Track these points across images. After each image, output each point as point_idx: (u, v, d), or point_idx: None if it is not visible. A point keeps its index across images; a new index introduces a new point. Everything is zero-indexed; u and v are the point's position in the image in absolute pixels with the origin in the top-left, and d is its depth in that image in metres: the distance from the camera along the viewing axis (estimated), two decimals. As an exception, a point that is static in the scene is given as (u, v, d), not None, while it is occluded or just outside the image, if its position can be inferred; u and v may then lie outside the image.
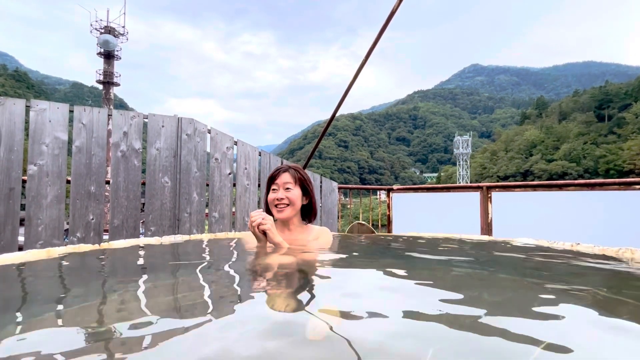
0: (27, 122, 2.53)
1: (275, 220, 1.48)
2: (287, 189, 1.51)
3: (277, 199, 1.50)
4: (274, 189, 1.53)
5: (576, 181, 2.96)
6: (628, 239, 2.54)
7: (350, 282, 0.94)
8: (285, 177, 1.51)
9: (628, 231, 2.57)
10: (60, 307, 0.71)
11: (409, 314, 0.65)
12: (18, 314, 0.66)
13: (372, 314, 0.65)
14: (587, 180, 2.92)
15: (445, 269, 1.13)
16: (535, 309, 0.67)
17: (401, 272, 1.09)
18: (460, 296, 0.78)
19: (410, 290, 0.84)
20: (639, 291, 0.84)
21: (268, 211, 1.54)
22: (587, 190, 2.83)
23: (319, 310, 0.66)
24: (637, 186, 2.57)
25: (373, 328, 0.58)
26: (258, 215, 1.41)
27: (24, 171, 2.52)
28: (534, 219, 3.09)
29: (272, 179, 1.54)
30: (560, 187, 2.94)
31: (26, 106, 2.52)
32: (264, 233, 1.41)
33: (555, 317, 0.61)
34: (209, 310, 0.67)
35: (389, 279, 0.96)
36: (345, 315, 0.63)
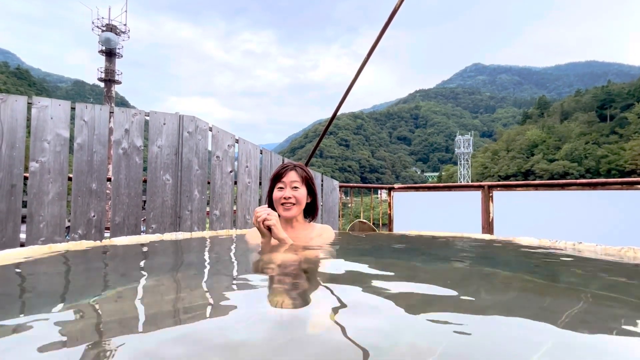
0: (28, 119, 2.53)
1: (279, 217, 1.48)
2: (295, 187, 1.50)
3: (285, 198, 1.49)
4: (280, 187, 1.51)
5: (578, 180, 2.95)
6: (630, 238, 2.54)
7: (352, 279, 0.93)
8: (293, 176, 1.50)
9: (630, 231, 2.56)
10: (58, 303, 0.71)
11: (410, 312, 0.64)
12: (17, 310, 0.66)
13: (373, 311, 0.65)
14: (590, 180, 2.91)
15: (447, 268, 1.13)
16: (539, 308, 0.67)
17: (403, 270, 1.09)
18: (462, 295, 0.77)
19: (412, 288, 0.84)
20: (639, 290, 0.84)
21: (271, 207, 1.54)
22: (589, 190, 2.82)
23: (321, 305, 0.66)
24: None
25: (374, 325, 0.58)
26: (263, 211, 1.41)
27: (26, 168, 2.52)
28: (535, 218, 3.09)
29: (278, 177, 1.52)
30: (562, 187, 2.94)
31: (28, 103, 2.52)
32: (269, 229, 1.41)
33: (559, 316, 0.61)
34: (211, 307, 0.67)
35: (391, 276, 0.96)
36: (347, 311, 0.63)
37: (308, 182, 1.54)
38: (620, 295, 0.77)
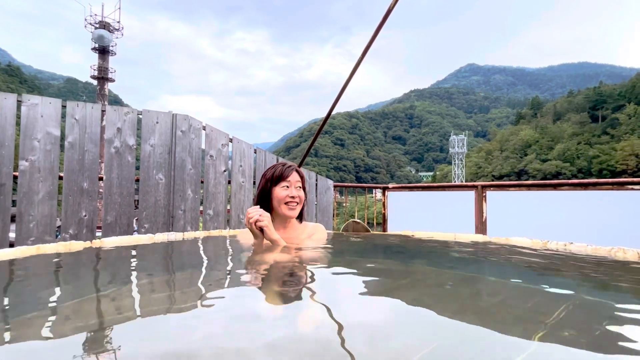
0: (18, 117, 2.49)
1: (271, 217, 1.48)
2: (299, 187, 1.55)
3: (291, 197, 1.51)
4: (285, 186, 1.53)
5: (570, 181, 2.98)
6: (621, 238, 2.56)
7: (343, 278, 0.93)
8: (296, 176, 1.55)
9: (621, 231, 2.59)
10: (51, 304, 0.69)
11: (402, 312, 0.64)
12: (8, 311, 0.64)
13: (364, 310, 0.64)
14: (581, 180, 2.94)
15: (440, 268, 1.13)
16: (529, 308, 0.67)
17: (395, 270, 1.09)
18: (454, 295, 0.78)
19: (404, 288, 0.84)
20: (635, 290, 0.85)
21: (263, 208, 1.53)
22: (581, 190, 2.84)
23: (312, 305, 0.66)
24: (630, 186, 2.59)
25: (365, 323, 0.57)
26: (255, 212, 1.40)
27: (15, 167, 2.48)
28: (528, 218, 3.11)
29: (282, 177, 1.53)
30: (554, 187, 2.96)
31: (18, 101, 2.49)
32: (261, 230, 1.40)
33: (549, 315, 0.61)
34: (204, 307, 0.66)
35: (383, 276, 0.96)
36: (338, 310, 0.63)
37: (304, 183, 1.61)
38: (613, 296, 0.78)
